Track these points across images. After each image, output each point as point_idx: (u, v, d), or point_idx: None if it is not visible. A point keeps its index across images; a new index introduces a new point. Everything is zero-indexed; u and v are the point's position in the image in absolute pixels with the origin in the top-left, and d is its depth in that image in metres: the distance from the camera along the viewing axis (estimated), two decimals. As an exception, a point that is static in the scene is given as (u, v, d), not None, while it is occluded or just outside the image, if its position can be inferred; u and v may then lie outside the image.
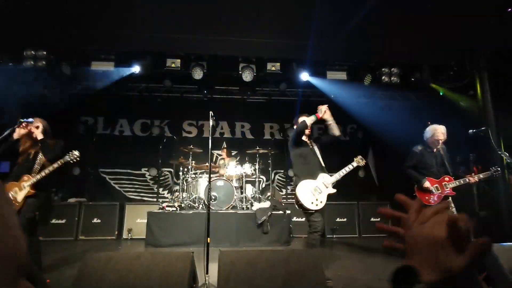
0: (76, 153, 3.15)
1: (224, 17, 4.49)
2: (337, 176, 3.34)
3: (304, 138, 3.44)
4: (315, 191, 3.20)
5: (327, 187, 3.24)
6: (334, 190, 3.28)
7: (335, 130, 3.42)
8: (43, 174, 3.01)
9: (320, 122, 3.47)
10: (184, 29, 4.77)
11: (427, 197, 3.56)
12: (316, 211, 3.14)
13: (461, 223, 0.45)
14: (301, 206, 3.19)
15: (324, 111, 3.34)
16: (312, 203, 3.15)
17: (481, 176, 3.48)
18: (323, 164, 3.42)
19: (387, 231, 0.56)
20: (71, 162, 3.16)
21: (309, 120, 3.34)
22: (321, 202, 3.17)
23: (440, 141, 3.64)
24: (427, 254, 0.47)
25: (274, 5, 4.22)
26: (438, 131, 3.63)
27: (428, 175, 3.61)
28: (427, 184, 3.55)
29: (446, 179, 3.55)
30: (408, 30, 4.67)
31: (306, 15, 4.36)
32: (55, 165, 3.04)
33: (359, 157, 3.48)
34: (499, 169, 3.43)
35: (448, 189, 3.53)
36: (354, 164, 3.42)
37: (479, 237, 0.45)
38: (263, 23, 4.60)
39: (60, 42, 5.01)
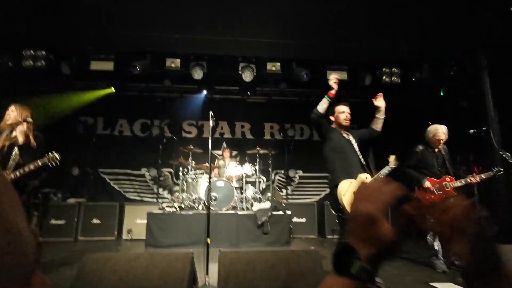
0: (57, 155, 2.87)
1: (224, 17, 4.48)
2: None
3: (335, 126, 3.00)
4: None
5: None
6: None
7: (380, 124, 3.01)
8: (17, 174, 2.72)
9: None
10: (184, 29, 4.76)
11: (427, 197, 3.55)
12: None
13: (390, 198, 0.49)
14: (340, 211, 2.72)
15: (334, 81, 2.78)
16: None
17: (482, 176, 3.47)
18: (363, 162, 2.90)
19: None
20: (50, 165, 2.87)
21: (321, 105, 2.82)
22: None
23: (442, 141, 3.62)
24: (361, 231, 0.49)
25: (274, 4, 4.21)
26: (439, 131, 3.61)
27: (429, 175, 3.59)
28: (427, 184, 3.53)
29: (447, 179, 3.54)
30: (409, 29, 4.66)
31: (306, 14, 4.36)
32: (31, 167, 2.75)
33: (393, 157, 3.03)
34: (501, 169, 3.41)
35: (449, 189, 3.51)
36: (392, 165, 2.97)
37: (481, 240, 0.45)
38: (263, 22, 4.59)
39: (60, 42, 5.00)
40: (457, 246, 0.48)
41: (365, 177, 2.74)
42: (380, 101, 3.02)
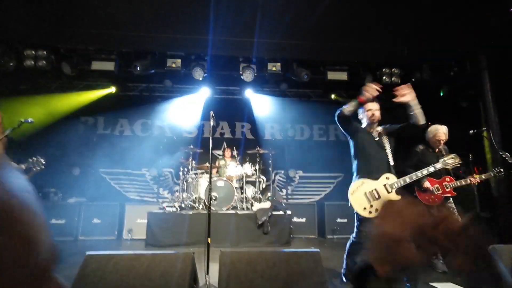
0: (42, 160, 2.82)
1: (225, 17, 4.48)
2: (407, 179, 2.67)
3: (365, 125, 2.88)
4: (370, 195, 2.63)
5: (389, 192, 2.61)
6: (398, 197, 2.61)
7: (418, 117, 2.60)
8: None
9: (322, 121, 3.21)
10: (185, 29, 4.77)
11: (427, 197, 3.56)
12: (367, 219, 2.57)
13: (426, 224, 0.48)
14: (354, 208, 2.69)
15: (371, 91, 2.54)
16: (364, 209, 2.59)
17: (482, 176, 3.47)
18: (391, 162, 2.73)
19: None
20: (35, 169, 2.83)
21: (348, 106, 2.67)
22: (376, 210, 2.56)
23: (442, 141, 3.63)
24: (383, 250, 0.48)
25: (275, 5, 4.21)
26: (439, 131, 3.62)
27: (429, 176, 3.60)
28: (427, 184, 3.54)
29: (447, 179, 3.54)
30: (409, 30, 4.66)
31: (306, 15, 4.36)
32: None
33: (451, 156, 2.75)
34: (501, 170, 3.42)
35: (449, 189, 3.52)
36: (438, 166, 2.74)
37: (479, 238, 0.46)
38: (263, 23, 4.60)
39: (61, 42, 5.01)
40: (457, 259, 0.48)
41: (386, 177, 2.65)
42: (403, 97, 2.57)
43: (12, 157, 2.91)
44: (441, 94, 5.99)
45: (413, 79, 5.74)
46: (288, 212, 5.19)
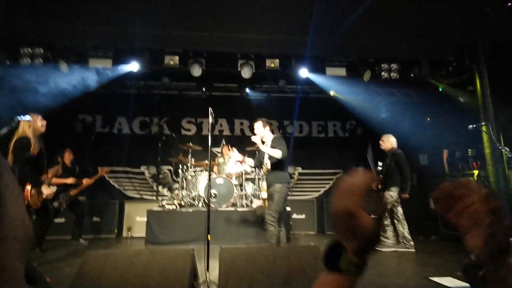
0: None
1: (223, 13, 4.45)
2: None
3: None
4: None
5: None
6: (265, 195, 3.42)
7: (271, 155, 3.49)
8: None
9: (321, 117, 3.43)
10: (182, 25, 4.73)
11: None
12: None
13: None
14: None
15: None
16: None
17: None
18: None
19: None
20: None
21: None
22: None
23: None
24: (342, 227, 0.50)
25: (273, 1, 4.18)
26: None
27: None
28: None
29: None
30: (407, 25, 4.64)
31: (305, 11, 4.33)
32: None
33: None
34: None
35: None
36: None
37: (497, 228, 0.46)
38: (262, 19, 4.57)
39: (57, 39, 4.96)
40: (473, 238, 0.49)
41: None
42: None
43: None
44: (440, 89, 5.98)
45: (412, 75, 5.73)
46: (288, 208, 5.19)
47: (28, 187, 2.94)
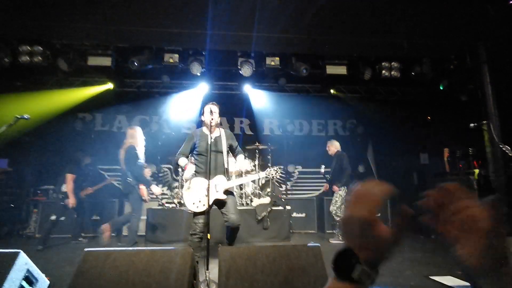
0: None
1: (223, 11, 4.42)
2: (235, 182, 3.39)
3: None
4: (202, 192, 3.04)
5: (217, 191, 3.08)
6: (224, 196, 3.07)
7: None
8: None
9: (321, 116, 3.33)
10: (182, 23, 4.70)
11: None
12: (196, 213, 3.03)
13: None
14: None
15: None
16: (193, 204, 3.04)
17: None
18: (226, 165, 3.30)
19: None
20: None
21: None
22: (203, 205, 2.99)
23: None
24: (357, 235, 0.48)
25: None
26: None
27: None
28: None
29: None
30: (408, 23, 4.62)
31: (305, 9, 4.31)
32: None
33: (273, 169, 3.41)
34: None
35: None
36: (263, 174, 3.43)
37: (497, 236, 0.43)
38: (262, 17, 4.54)
39: (57, 37, 4.94)
40: (466, 248, 0.45)
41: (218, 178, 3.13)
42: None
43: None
44: (441, 87, 5.96)
45: (412, 73, 5.71)
46: (288, 207, 5.18)
47: None
